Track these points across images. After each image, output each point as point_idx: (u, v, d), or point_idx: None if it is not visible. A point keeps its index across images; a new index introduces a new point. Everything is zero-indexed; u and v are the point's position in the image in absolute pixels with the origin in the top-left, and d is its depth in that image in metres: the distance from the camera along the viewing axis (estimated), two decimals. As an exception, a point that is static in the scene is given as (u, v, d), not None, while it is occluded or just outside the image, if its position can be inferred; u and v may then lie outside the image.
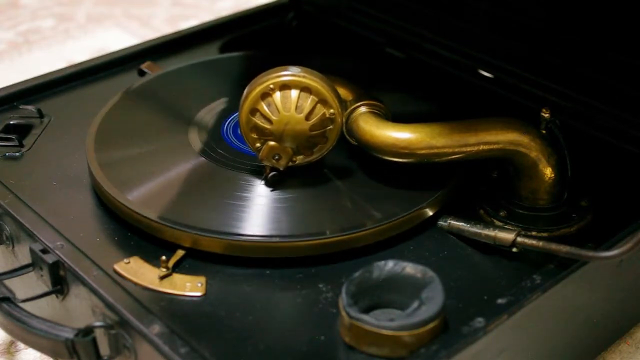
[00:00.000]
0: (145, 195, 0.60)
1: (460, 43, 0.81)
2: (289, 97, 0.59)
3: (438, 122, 0.59)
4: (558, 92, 0.74)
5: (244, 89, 0.60)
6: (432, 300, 0.49)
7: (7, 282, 0.59)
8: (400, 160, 0.60)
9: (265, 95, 0.59)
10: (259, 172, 0.62)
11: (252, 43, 0.88)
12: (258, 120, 0.59)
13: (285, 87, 0.59)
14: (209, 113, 0.70)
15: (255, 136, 0.60)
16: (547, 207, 0.61)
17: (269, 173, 0.60)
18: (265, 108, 0.59)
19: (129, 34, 1.19)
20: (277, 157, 0.60)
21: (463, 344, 0.48)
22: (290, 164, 0.60)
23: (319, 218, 0.58)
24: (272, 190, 0.60)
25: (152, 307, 0.52)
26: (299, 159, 0.61)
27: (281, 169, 0.60)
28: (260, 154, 0.60)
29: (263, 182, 0.61)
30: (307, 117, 0.59)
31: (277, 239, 0.56)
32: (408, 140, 0.59)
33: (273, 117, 0.59)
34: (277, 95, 0.59)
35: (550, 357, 0.57)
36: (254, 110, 0.59)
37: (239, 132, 0.61)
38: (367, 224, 0.57)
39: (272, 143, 0.59)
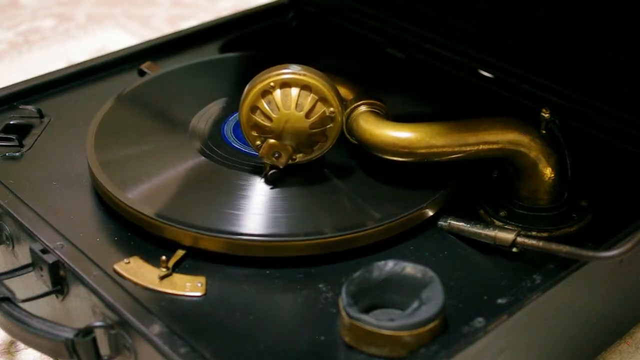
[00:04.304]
0: (145, 194, 0.60)
1: (460, 43, 0.81)
2: (290, 95, 0.59)
3: (438, 121, 0.59)
4: (558, 92, 0.74)
5: (243, 88, 0.60)
6: (432, 300, 0.49)
7: (7, 282, 0.58)
8: (400, 159, 0.60)
9: (266, 93, 0.59)
10: (258, 171, 0.62)
11: (252, 43, 0.88)
12: (258, 118, 0.59)
13: (285, 85, 0.59)
14: (209, 112, 0.70)
15: (256, 134, 0.60)
16: (547, 207, 0.61)
17: (269, 171, 0.60)
18: (266, 106, 0.59)
19: (129, 34, 1.19)
20: (277, 155, 0.60)
21: (463, 344, 0.48)
22: (290, 162, 0.60)
23: (319, 217, 0.58)
24: (271, 188, 0.60)
25: (152, 307, 0.52)
26: (299, 157, 0.61)
27: (281, 166, 0.60)
28: (260, 151, 0.60)
29: (263, 180, 0.61)
30: (307, 115, 0.59)
31: (277, 238, 0.56)
32: (408, 140, 0.59)
33: (273, 115, 0.59)
34: (278, 93, 0.59)
35: (550, 357, 0.57)
36: (254, 108, 0.59)
37: (240, 130, 0.61)
38: (367, 224, 0.57)
39: (272, 141, 0.59)
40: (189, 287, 0.54)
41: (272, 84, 0.59)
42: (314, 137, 0.60)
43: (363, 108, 0.62)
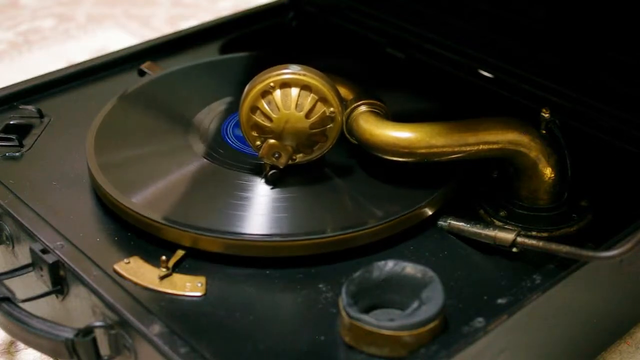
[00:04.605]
0: (145, 196, 0.60)
1: (460, 43, 0.81)
2: (289, 95, 0.59)
3: (438, 121, 0.59)
4: (558, 92, 0.74)
5: (243, 89, 0.60)
6: (432, 300, 0.49)
7: (7, 282, 0.58)
8: (401, 159, 0.60)
9: (266, 93, 0.59)
10: (258, 171, 0.62)
11: (252, 43, 0.88)
12: (258, 118, 0.59)
13: (285, 85, 0.59)
14: (209, 113, 0.70)
15: (256, 134, 0.60)
16: (547, 207, 0.61)
17: (269, 171, 0.60)
18: (266, 106, 0.59)
19: (129, 34, 1.19)
20: (277, 155, 0.60)
21: (463, 344, 0.48)
22: (290, 162, 0.60)
23: (319, 217, 0.58)
24: (272, 189, 0.60)
25: (152, 307, 0.52)
26: (299, 157, 0.61)
27: (281, 167, 0.60)
28: (260, 152, 0.60)
29: (263, 180, 0.61)
30: (307, 115, 0.59)
31: (278, 238, 0.56)
32: (408, 140, 0.59)
33: (273, 115, 0.59)
34: (278, 93, 0.59)
35: (550, 357, 0.57)
36: (254, 108, 0.59)
37: (239, 131, 0.61)
38: (367, 223, 0.57)
39: (272, 141, 0.59)
40: (189, 287, 0.54)
41: (272, 84, 0.59)
42: (314, 137, 0.60)
43: (363, 108, 0.62)
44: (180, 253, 0.57)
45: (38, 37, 1.17)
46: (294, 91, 0.59)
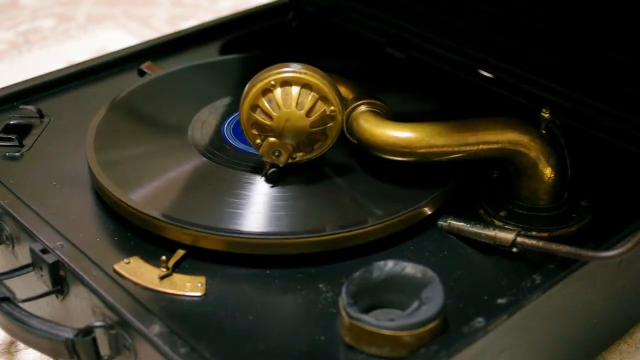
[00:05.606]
0: (145, 194, 0.60)
1: (460, 43, 0.81)
2: (290, 93, 0.59)
3: (438, 121, 0.59)
4: (558, 92, 0.74)
5: (243, 89, 0.60)
6: (432, 300, 0.49)
7: (7, 282, 0.58)
8: (400, 159, 0.60)
9: (266, 91, 0.59)
10: (258, 170, 0.62)
11: (252, 43, 0.88)
12: (259, 116, 0.59)
13: (286, 83, 0.59)
14: (209, 113, 0.70)
15: (256, 132, 0.60)
16: (547, 207, 0.61)
17: (269, 169, 0.60)
18: (266, 104, 0.59)
19: (129, 34, 1.19)
20: (277, 154, 0.60)
21: (463, 344, 0.48)
22: (290, 160, 0.60)
23: (319, 215, 0.58)
24: (271, 187, 0.61)
25: (152, 307, 0.52)
26: (299, 155, 0.61)
27: (281, 165, 0.60)
28: (260, 150, 0.60)
29: (263, 178, 0.61)
30: (308, 114, 0.59)
31: (277, 236, 0.56)
32: (408, 140, 0.59)
33: (273, 113, 0.59)
34: (278, 91, 0.59)
35: (550, 357, 0.57)
36: (254, 107, 0.59)
37: (239, 130, 0.61)
38: (367, 222, 0.57)
39: (272, 139, 0.59)
40: (189, 287, 0.54)
41: (272, 82, 0.59)
42: (314, 136, 0.60)
43: (363, 108, 0.62)
44: (180, 253, 0.57)
45: (38, 37, 1.17)
46: (295, 89, 0.59)
